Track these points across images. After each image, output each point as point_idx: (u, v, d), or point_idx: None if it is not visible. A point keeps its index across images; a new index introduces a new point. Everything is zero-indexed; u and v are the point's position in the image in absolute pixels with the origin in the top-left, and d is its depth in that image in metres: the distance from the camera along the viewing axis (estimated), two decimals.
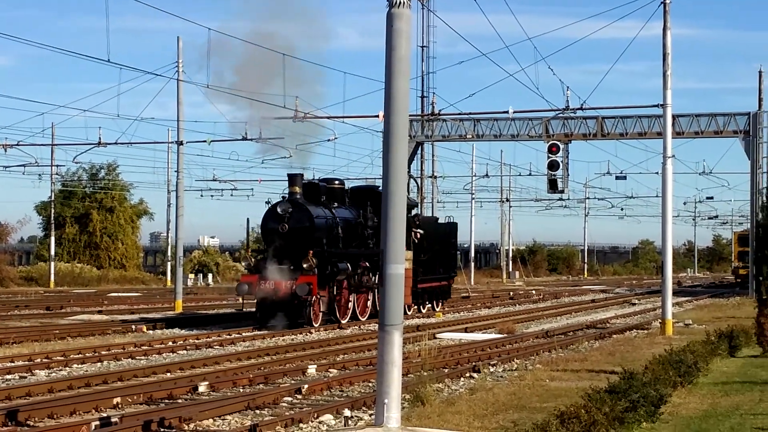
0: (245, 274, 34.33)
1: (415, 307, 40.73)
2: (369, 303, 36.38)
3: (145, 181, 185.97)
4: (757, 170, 56.39)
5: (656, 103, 33.05)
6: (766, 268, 23.37)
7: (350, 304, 35.23)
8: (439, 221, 46.98)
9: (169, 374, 20.68)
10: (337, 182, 37.82)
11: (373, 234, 36.28)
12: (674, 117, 48.93)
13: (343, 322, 34.29)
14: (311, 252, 32.79)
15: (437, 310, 42.49)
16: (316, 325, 32.60)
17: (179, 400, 17.17)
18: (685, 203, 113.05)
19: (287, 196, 34.26)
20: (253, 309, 34.35)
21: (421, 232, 40.19)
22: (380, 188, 41.49)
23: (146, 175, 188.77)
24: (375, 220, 36.12)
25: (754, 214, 51.02)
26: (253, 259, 34.16)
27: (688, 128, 57.19)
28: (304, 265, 32.65)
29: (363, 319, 35.52)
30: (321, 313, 33.38)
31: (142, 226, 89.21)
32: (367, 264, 35.39)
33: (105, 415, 15.18)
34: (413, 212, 40.89)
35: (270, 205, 33.96)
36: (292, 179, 34.28)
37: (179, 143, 43.66)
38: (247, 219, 38.67)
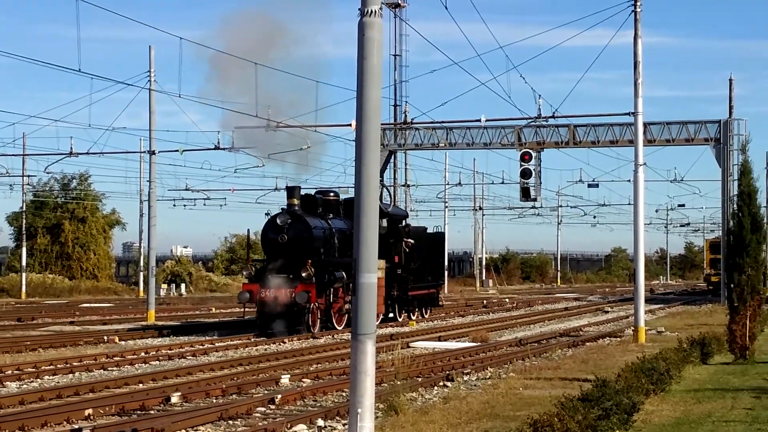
0: (246, 283, 35.47)
1: (406, 314, 42.09)
2: None
3: (117, 191, 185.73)
4: (727, 178, 56.59)
5: (627, 111, 33.19)
6: (737, 276, 23.47)
7: (347, 312, 36.15)
8: (428, 231, 47.98)
9: (141, 385, 20.59)
10: (332, 194, 39.10)
11: None
12: (645, 125, 49.12)
13: (338, 328, 35.52)
14: (309, 261, 33.99)
15: (426, 316, 44.13)
16: (314, 331, 33.80)
17: (152, 411, 17.10)
18: (657, 211, 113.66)
19: (286, 207, 35.45)
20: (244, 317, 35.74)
21: (412, 241, 41.58)
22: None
23: (118, 185, 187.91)
24: None
25: (726, 222, 51.28)
26: (253, 269, 35.35)
27: (659, 136, 57.44)
28: (303, 274, 33.86)
29: None
30: (319, 320, 34.61)
31: (115, 237, 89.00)
32: None
33: (77, 426, 15.11)
34: (404, 223, 42.21)
35: (270, 217, 35.24)
36: (291, 192, 35.65)
37: (151, 153, 43.52)
38: (248, 230, 40.75)
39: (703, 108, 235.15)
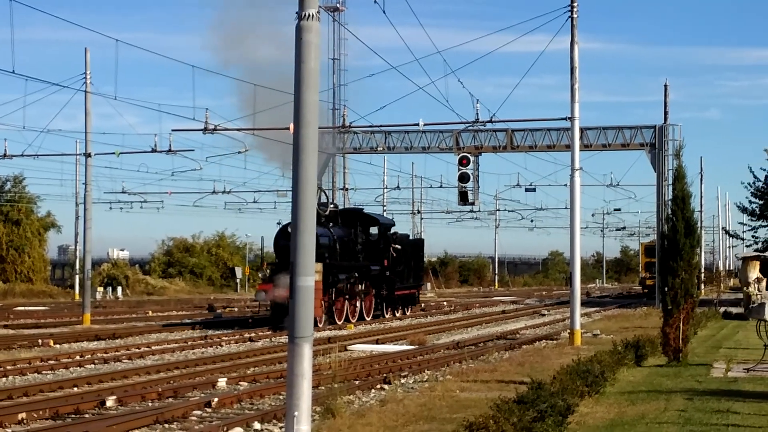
0: (261, 284, 40.62)
1: (392, 311, 47.65)
2: (357, 307, 43.49)
3: (52, 194, 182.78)
4: (662, 182, 57.25)
5: (564, 116, 33.45)
6: (671, 279, 23.75)
7: (345, 308, 42.02)
8: (409, 238, 52.86)
9: (76, 389, 20.42)
10: (332, 206, 43.98)
11: (362, 249, 44.19)
12: (582, 130, 49.62)
13: (339, 322, 40.79)
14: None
15: (407, 313, 49.74)
16: (320, 326, 38.17)
17: (86, 415, 16.97)
18: (593, 215, 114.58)
19: None
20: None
21: (399, 247, 46.82)
22: (364, 210, 47.40)
23: (53, 187, 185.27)
24: (363, 237, 44.59)
25: (660, 226, 51.84)
26: (268, 271, 40.34)
27: (595, 141, 58.00)
28: None
29: (353, 321, 42.20)
30: (324, 315, 39.54)
31: (50, 239, 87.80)
32: (357, 274, 42.64)
33: (10, 431, 14.95)
34: (392, 230, 47.63)
35: (281, 225, 40.73)
36: None
37: (87, 155, 43.12)
38: (262, 237, 48.88)
39: (638, 113, 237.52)
